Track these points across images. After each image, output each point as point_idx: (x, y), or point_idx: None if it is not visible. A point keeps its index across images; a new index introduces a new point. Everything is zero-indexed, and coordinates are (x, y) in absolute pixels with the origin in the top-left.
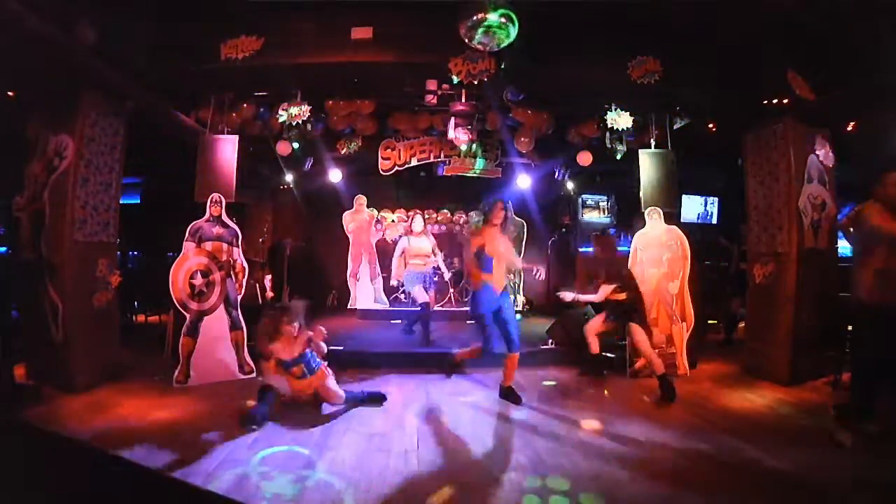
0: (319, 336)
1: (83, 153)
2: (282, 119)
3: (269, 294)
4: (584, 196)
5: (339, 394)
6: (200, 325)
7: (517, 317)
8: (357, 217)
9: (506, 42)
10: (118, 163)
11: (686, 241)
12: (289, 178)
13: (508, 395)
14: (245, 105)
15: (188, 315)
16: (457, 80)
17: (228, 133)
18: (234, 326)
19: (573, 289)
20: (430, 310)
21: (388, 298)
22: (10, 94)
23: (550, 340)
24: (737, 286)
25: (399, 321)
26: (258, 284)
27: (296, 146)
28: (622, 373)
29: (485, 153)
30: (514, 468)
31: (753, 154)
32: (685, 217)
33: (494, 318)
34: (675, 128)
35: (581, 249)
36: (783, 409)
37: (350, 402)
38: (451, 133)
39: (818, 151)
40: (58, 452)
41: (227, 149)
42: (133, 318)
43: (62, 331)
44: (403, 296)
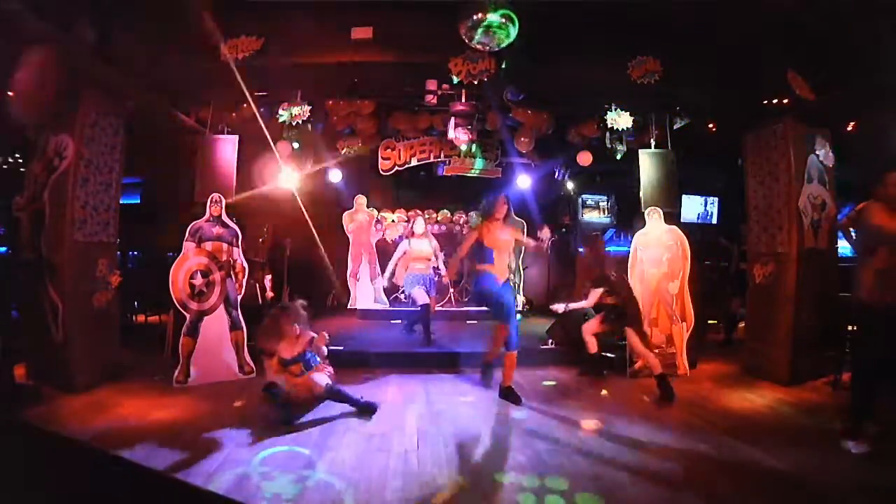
0: (321, 341)
1: (83, 153)
2: (282, 119)
3: (269, 294)
4: (584, 196)
5: (322, 382)
6: (200, 325)
7: (517, 317)
8: (357, 217)
9: (506, 42)
10: (118, 163)
11: (686, 241)
12: (289, 178)
13: (508, 395)
14: (245, 105)
15: (188, 315)
16: (457, 80)
17: (228, 133)
18: (234, 326)
19: (571, 295)
20: (431, 311)
21: (388, 299)
22: (11, 94)
23: (550, 340)
24: (737, 286)
25: (399, 321)
26: (258, 284)
27: (296, 146)
28: (622, 373)
29: (484, 153)
30: (514, 468)
31: (753, 154)
32: (685, 217)
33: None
34: (675, 128)
35: (581, 249)
36: (783, 409)
37: (336, 395)
38: (451, 133)
39: (818, 151)
40: (58, 452)
41: (227, 149)
42: (133, 318)
43: (62, 331)
44: (403, 296)
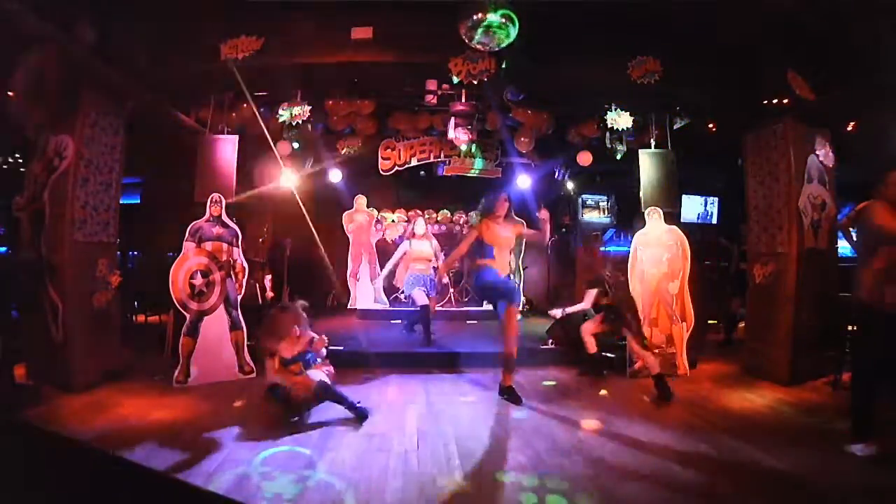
0: (321, 344)
1: (83, 153)
2: (282, 119)
3: (269, 294)
4: (584, 196)
5: (316, 378)
6: (200, 325)
7: (517, 316)
8: (357, 217)
9: (506, 42)
10: (118, 163)
11: (686, 242)
12: (289, 178)
13: (509, 394)
14: (245, 105)
15: (188, 315)
16: (457, 80)
17: (228, 133)
18: (234, 326)
19: (572, 295)
20: (431, 311)
21: (388, 299)
22: (11, 94)
23: (550, 340)
24: (737, 286)
25: (399, 321)
26: (258, 284)
27: (296, 146)
28: (622, 373)
29: (484, 153)
30: (514, 468)
31: (753, 154)
32: (685, 217)
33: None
34: (675, 128)
35: (582, 248)
36: (783, 409)
37: (328, 393)
38: (451, 133)
39: (818, 151)
40: (58, 452)
41: (227, 149)
42: (133, 318)
43: (62, 331)
44: (403, 297)
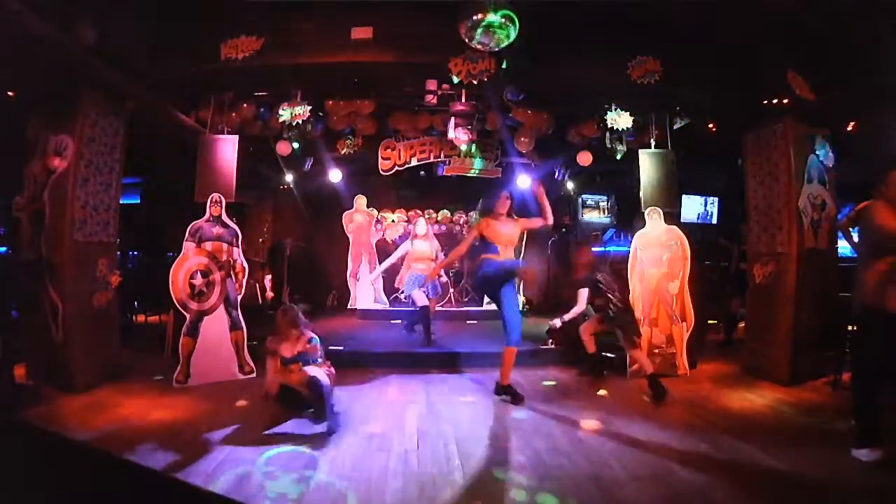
0: (314, 351)
1: (83, 153)
2: (282, 118)
3: (269, 294)
4: (584, 196)
5: (311, 373)
6: (200, 325)
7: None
8: (357, 217)
9: (506, 42)
10: (118, 163)
11: (686, 242)
12: (289, 178)
13: (506, 393)
14: (245, 105)
15: (188, 315)
16: (457, 80)
17: (228, 133)
18: (234, 326)
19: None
20: (432, 311)
21: (388, 299)
22: (10, 94)
23: (550, 340)
24: (737, 286)
25: (399, 321)
26: (258, 284)
27: (296, 146)
28: (622, 373)
29: (483, 153)
30: (514, 468)
31: (753, 154)
32: (685, 217)
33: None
34: (675, 128)
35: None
36: (783, 409)
37: (315, 387)
38: (451, 133)
39: (818, 151)
40: (58, 452)
41: (227, 149)
42: (133, 318)
43: (62, 331)
44: (403, 297)
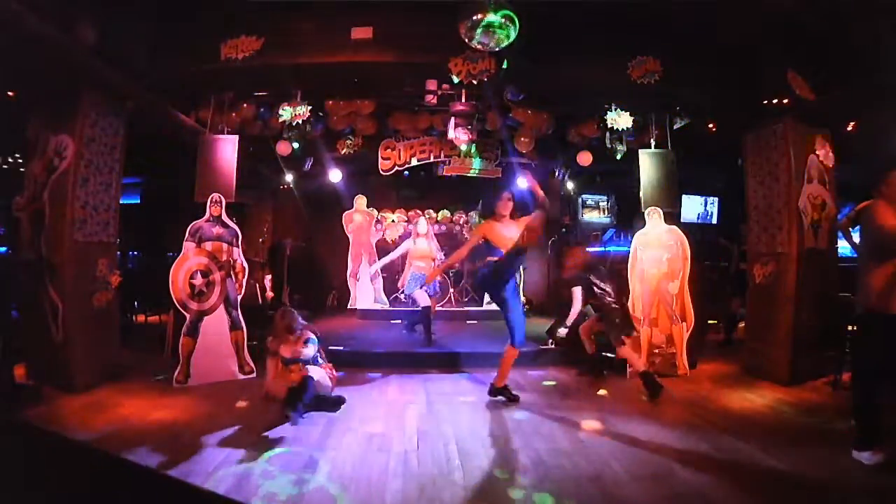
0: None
1: (83, 153)
2: (282, 118)
3: (269, 294)
4: (584, 196)
5: (308, 372)
6: (200, 325)
7: (523, 310)
8: (357, 217)
9: (506, 42)
10: (118, 163)
11: (686, 242)
12: (289, 178)
13: (500, 394)
14: (245, 105)
15: (188, 315)
16: (457, 80)
17: (228, 133)
18: (234, 326)
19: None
20: (432, 311)
21: (388, 299)
22: (10, 94)
23: (550, 340)
24: (737, 286)
25: (399, 321)
26: (258, 284)
27: (296, 146)
28: (621, 373)
29: (483, 153)
30: (515, 468)
31: (753, 154)
32: (685, 217)
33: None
34: (675, 128)
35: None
36: (783, 409)
37: (305, 384)
38: (451, 133)
39: (818, 151)
40: (58, 452)
41: (227, 149)
42: (133, 318)
43: (62, 331)
44: (403, 297)
